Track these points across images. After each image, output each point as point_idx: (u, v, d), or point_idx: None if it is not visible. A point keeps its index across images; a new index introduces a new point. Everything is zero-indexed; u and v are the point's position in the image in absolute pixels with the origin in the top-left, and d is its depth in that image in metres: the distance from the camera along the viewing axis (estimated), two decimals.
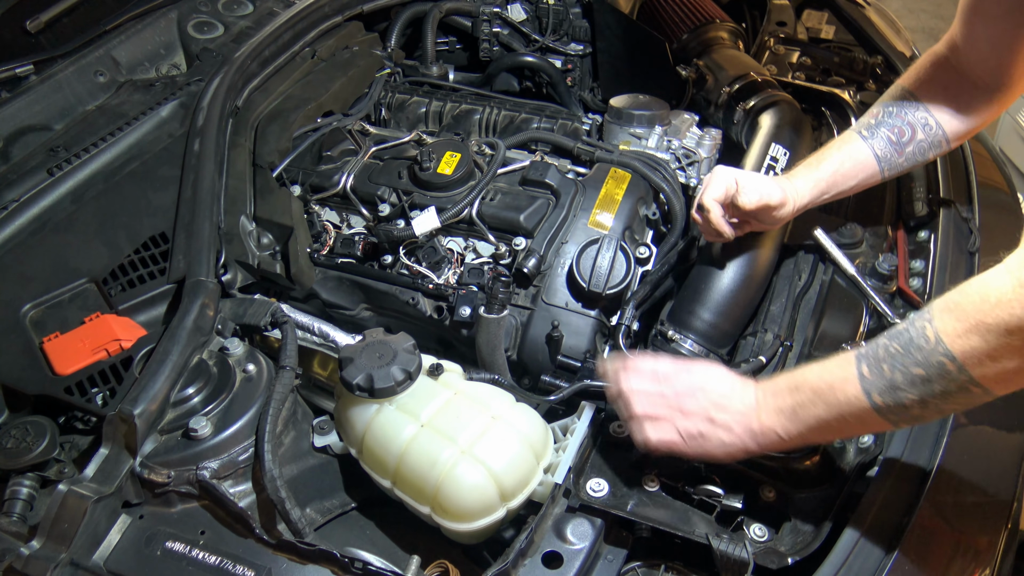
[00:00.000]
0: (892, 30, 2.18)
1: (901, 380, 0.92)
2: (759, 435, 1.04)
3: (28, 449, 1.11)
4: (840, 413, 0.97)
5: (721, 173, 1.35)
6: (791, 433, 1.02)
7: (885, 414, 0.94)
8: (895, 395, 0.93)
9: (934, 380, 0.89)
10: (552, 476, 1.14)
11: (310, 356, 1.42)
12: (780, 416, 1.02)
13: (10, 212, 1.47)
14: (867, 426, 1.03)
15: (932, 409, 0.93)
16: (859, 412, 0.96)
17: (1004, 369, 0.85)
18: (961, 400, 0.91)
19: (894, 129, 1.33)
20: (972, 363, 0.86)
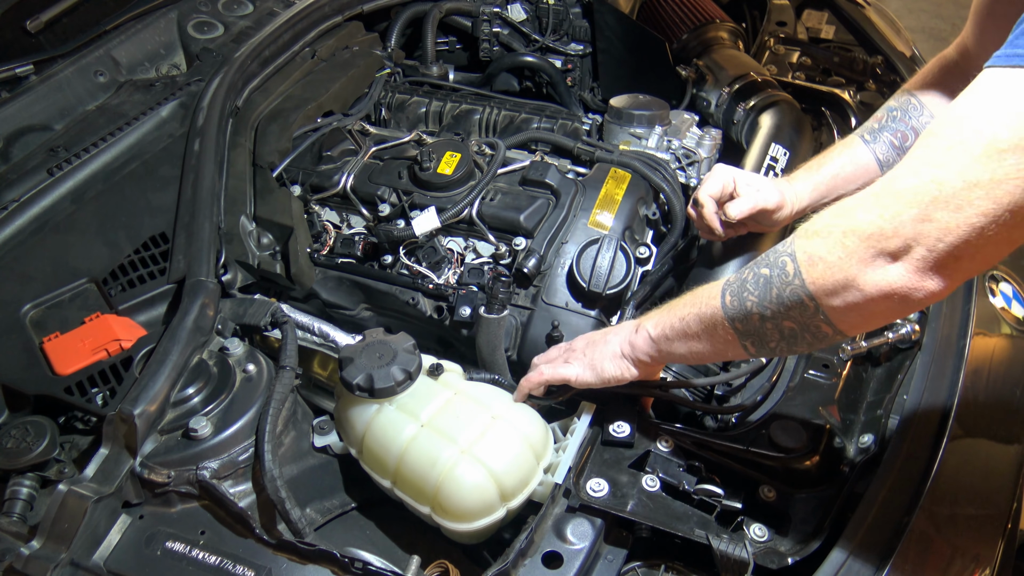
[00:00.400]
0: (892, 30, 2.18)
1: (750, 280, 0.94)
2: (634, 334, 1.12)
3: (28, 449, 1.11)
4: (699, 314, 1.01)
5: (720, 171, 1.35)
6: (658, 333, 1.08)
7: (732, 319, 0.96)
8: (741, 296, 0.94)
9: (774, 281, 0.90)
10: (552, 476, 1.14)
11: (310, 356, 1.42)
12: (655, 315, 1.10)
13: (10, 212, 1.47)
14: (719, 338, 1.00)
15: (772, 323, 0.92)
16: (712, 313, 0.98)
17: (831, 277, 0.84)
18: (796, 315, 0.89)
19: (897, 134, 1.33)
20: (806, 264, 0.86)
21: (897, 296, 0.81)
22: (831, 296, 0.85)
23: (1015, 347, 1.36)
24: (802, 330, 0.91)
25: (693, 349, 1.06)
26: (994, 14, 1.21)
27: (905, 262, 0.80)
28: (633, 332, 1.13)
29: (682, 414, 1.37)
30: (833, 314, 0.87)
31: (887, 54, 2.04)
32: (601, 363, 1.16)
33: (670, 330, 1.07)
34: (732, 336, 0.97)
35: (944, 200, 0.76)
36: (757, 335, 0.96)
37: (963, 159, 0.76)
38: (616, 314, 1.47)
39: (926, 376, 1.22)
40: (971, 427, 1.17)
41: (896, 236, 0.79)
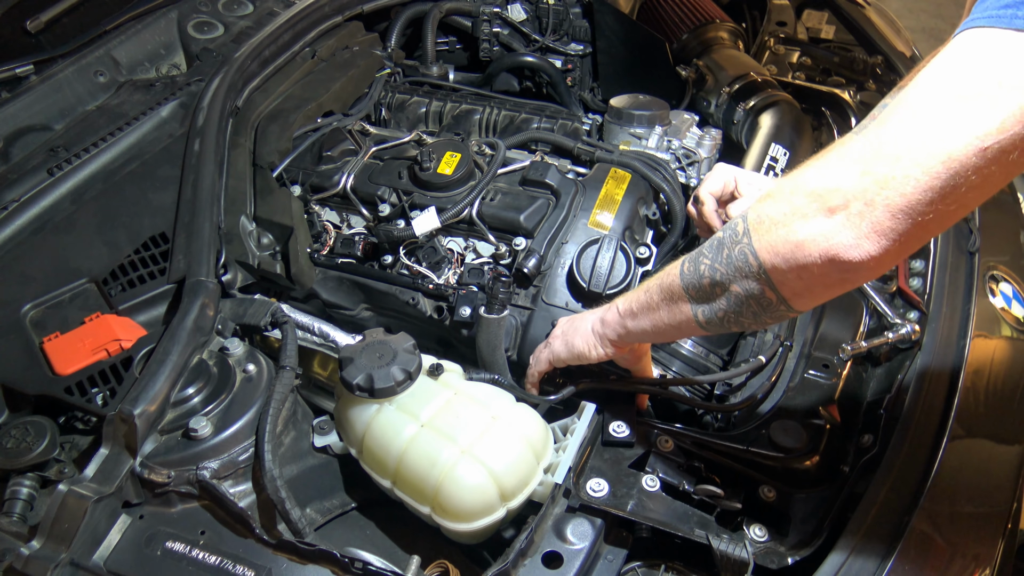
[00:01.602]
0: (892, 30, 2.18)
1: (706, 245, 0.95)
2: (605, 312, 1.16)
3: (28, 449, 1.11)
4: (660, 284, 1.03)
5: (722, 169, 1.35)
6: (624, 309, 1.12)
7: (687, 287, 0.97)
8: (696, 261, 0.95)
9: (725, 242, 0.91)
10: (552, 476, 1.14)
11: (310, 356, 1.42)
12: (627, 294, 1.13)
13: (10, 212, 1.47)
14: (676, 310, 1.02)
15: (721, 288, 0.92)
16: (671, 283, 1.00)
17: (776, 235, 0.84)
18: (743, 280, 0.89)
19: None
20: (755, 222, 0.87)
21: (833, 254, 0.80)
22: (772, 254, 0.85)
23: (1015, 347, 1.36)
24: (747, 295, 0.91)
25: (656, 322, 1.07)
26: None
27: (842, 216, 0.79)
28: (605, 310, 1.17)
29: (681, 412, 1.37)
30: (775, 274, 0.86)
31: (887, 54, 2.04)
32: (573, 338, 1.21)
33: (636, 304, 1.09)
34: (686, 304, 0.99)
35: (884, 154, 0.77)
36: (707, 301, 0.96)
37: (904, 116, 0.77)
38: None
39: (926, 376, 1.21)
40: (971, 427, 1.17)
41: (837, 191, 0.79)
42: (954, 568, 1.05)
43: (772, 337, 1.36)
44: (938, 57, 0.78)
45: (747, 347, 1.38)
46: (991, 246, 1.47)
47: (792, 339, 1.36)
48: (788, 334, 1.37)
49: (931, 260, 1.44)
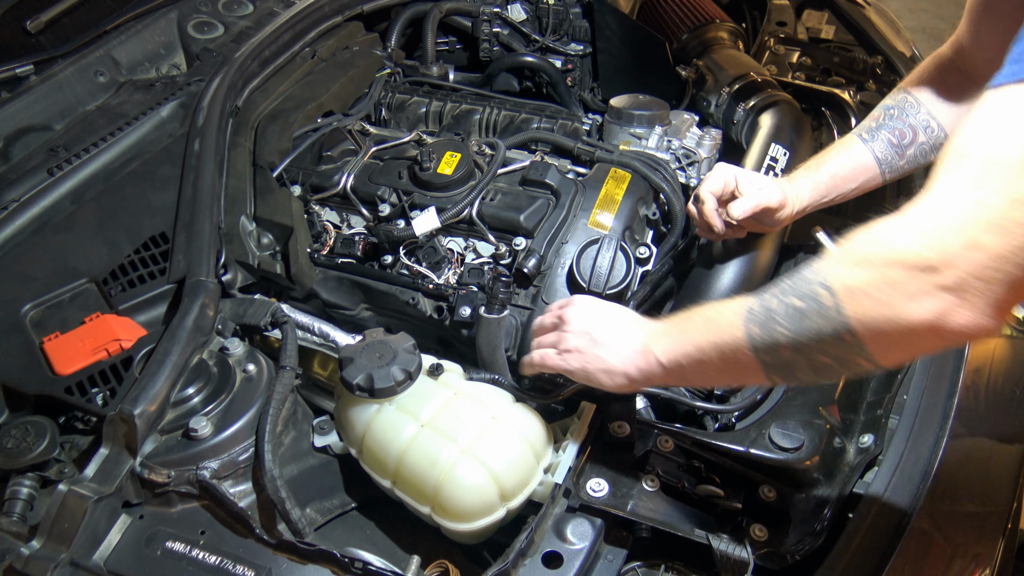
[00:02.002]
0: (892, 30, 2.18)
1: (779, 311, 0.87)
2: (640, 357, 1.03)
3: (28, 449, 1.11)
4: (718, 343, 0.93)
5: (722, 169, 1.35)
6: (670, 360, 1.00)
7: (758, 351, 0.89)
8: (770, 328, 0.87)
9: (808, 314, 0.84)
10: (552, 476, 1.14)
11: (310, 356, 1.42)
12: (665, 339, 1.01)
13: (10, 212, 1.47)
14: (742, 368, 0.93)
15: (804, 357, 0.86)
16: (735, 344, 0.91)
17: (876, 312, 0.78)
18: (832, 350, 0.84)
19: (895, 132, 1.33)
20: (847, 297, 0.80)
21: (947, 331, 0.76)
22: (876, 331, 0.80)
23: (1015, 347, 1.36)
24: (837, 363, 0.85)
25: (708, 377, 1.00)
26: (990, 10, 1.21)
27: (956, 295, 0.74)
28: (639, 355, 1.04)
29: (681, 412, 1.37)
30: (875, 349, 0.81)
31: (887, 54, 2.04)
32: (596, 374, 1.09)
33: (684, 358, 0.99)
34: (757, 367, 0.91)
35: (991, 223, 0.72)
36: (786, 367, 0.89)
37: (1001, 176, 0.72)
38: None
39: (926, 376, 1.22)
40: (971, 426, 1.18)
41: (947, 267, 0.74)
42: (954, 568, 1.05)
43: None
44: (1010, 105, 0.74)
45: None
46: None
47: None
48: None
49: None
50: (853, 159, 1.35)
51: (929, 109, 1.32)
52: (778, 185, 1.33)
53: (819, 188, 1.35)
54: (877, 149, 1.34)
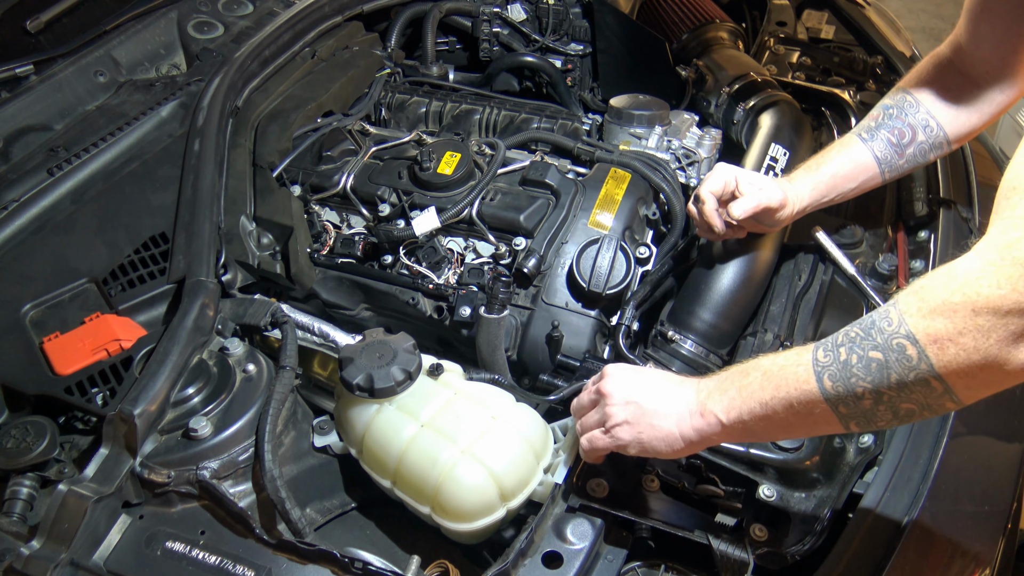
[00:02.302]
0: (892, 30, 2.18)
1: (856, 364, 0.85)
2: (699, 419, 0.99)
3: (28, 449, 1.11)
4: (787, 398, 0.90)
5: (722, 169, 1.35)
6: (732, 418, 0.95)
7: (835, 404, 0.87)
8: (848, 382, 0.85)
9: (891, 366, 0.82)
10: (552, 476, 1.14)
11: (310, 356, 1.42)
12: (723, 398, 0.97)
13: (10, 212, 1.47)
14: (816, 420, 0.91)
15: (886, 406, 0.85)
16: (808, 398, 0.88)
17: (968, 360, 0.78)
18: (919, 397, 0.83)
19: (894, 131, 1.33)
20: (934, 348, 0.79)
21: None
22: (966, 378, 0.79)
23: None
24: (922, 409, 0.84)
25: (776, 431, 0.97)
26: (987, 11, 1.22)
27: None
28: (697, 415, 0.99)
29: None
30: (964, 392, 0.81)
31: (887, 54, 2.04)
32: (651, 442, 1.02)
33: (749, 416, 0.94)
34: (833, 419, 0.89)
35: None
36: (866, 417, 0.87)
37: None
38: (616, 314, 1.47)
39: None
40: (972, 425, 1.17)
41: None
42: (954, 568, 1.05)
43: (772, 337, 1.36)
44: None
45: (747, 348, 1.38)
46: None
47: (792, 339, 1.36)
48: (788, 334, 1.37)
49: (931, 260, 1.44)
50: (853, 159, 1.35)
51: (928, 108, 1.32)
52: (778, 185, 1.33)
53: (819, 188, 1.35)
54: (877, 149, 1.34)
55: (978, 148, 1.78)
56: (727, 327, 1.42)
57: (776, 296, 1.43)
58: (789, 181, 1.36)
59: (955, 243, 1.46)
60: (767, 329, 1.38)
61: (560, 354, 1.44)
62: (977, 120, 1.32)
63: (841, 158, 1.35)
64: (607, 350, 1.48)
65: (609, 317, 1.49)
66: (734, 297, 1.41)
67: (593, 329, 1.46)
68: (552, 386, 1.39)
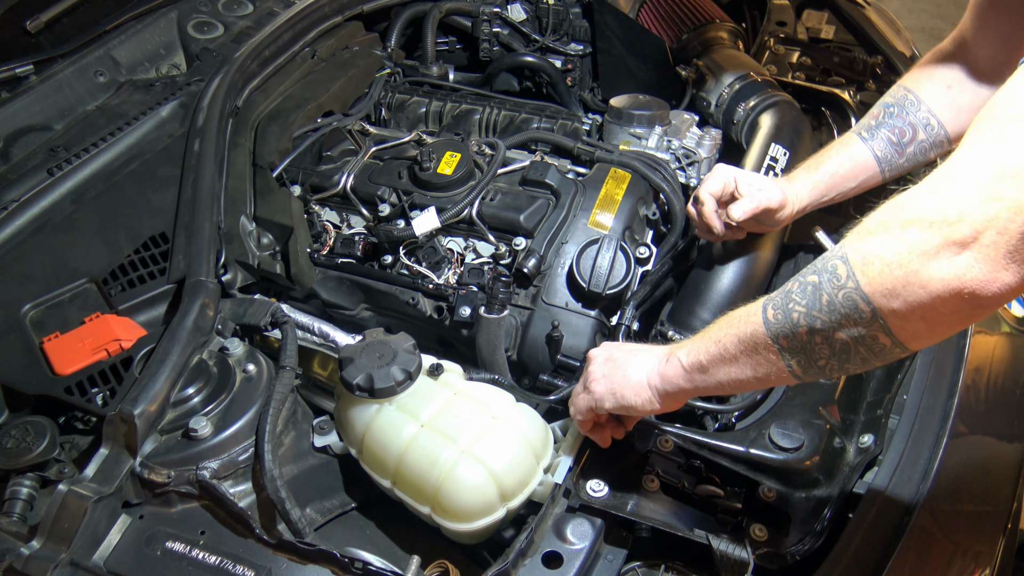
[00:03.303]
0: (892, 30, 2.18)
1: (795, 290, 0.85)
2: (663, 364, 1.01)
3: (28, 449, 1.11)
4: (737, 333, 0.91)
5: (721, 170, 1.35)
6: (691, 360, 0.97)
7: (776, 335, 0.86)
8: (786, 309, 0.85)
9: (823, 286, 0.81)
10: (552, 476, 1.14)
11: (310, 356, 1.42)
12: (688, 344, 1.00)
13: (10, 212, 1.47)
14: (762, 358, 0.90)
15: (822, 336, 0.83)
16: (753, 331, 0.89)
17: (891, 276, 0.75)
18: (849, 325, 0.80)
19: (895, 130, 1.33)
20: (861, 264, 0.78)
21: (967, 292, 0.72)
22: (891, 297, 0.76)
23: (1015, 346, 1.36)
24: (856, 342, 0.82)
25: (732, 376, 0.95)
26: (996, 4, 1.21)
27: (974, 250, 0.70)
28: (663, 361, 1.02)
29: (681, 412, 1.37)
30: (893, 320, 0.78)
31: (887, 54, 2.04)
32: (622, 391, 1.06)
33: (705, 356, 0.96)
34: (775, 355, 0.88)
35: (1010, 175, 0.69)
36: (804, 351, 0.86)
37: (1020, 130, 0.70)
38: (616, 314, 1.47)
39: (926, 376, 1.22)
40: (972, 425, 1.18)
41: (962, 221, 0.71)
42: (954, 568, 1.05)
43: None
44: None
45: None
46: None
47: None
48: None
49: None
50: (853, 158, 1.35)
51: (929, 106, 1.32)
52: (777, 185, 1.33)
53: (819, 187, 1.35)
54: (877, 148, 1.34)
55: None
56: None
57: None
58: (788, 181, 1.36)
59: None
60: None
61: (560, 354, 1.44)
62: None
63: (841, 157, 1.35)
64: None
65: (609, 317, 1.49)
66: (734, 297, 1.41)
67: (593, 329, 1.46)
68: (552, 386, 1.39)
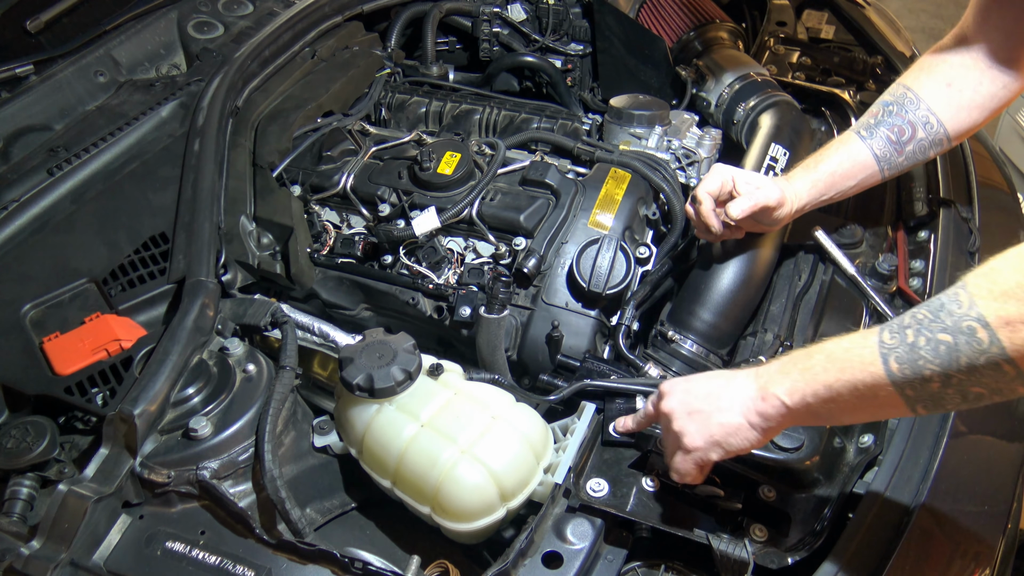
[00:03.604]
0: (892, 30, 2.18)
1: (924, 346, 0.83)
2: (761, 403, 0.97)
3: (28, 449, 1.11)
4: (852, 380, 0.89)
5: (720, 170, 1.35)
6: (796, 400, 0.94)
7: (902, 387, 0.86)
8: (915, 364, 0.84)
9: (961, 349, 0.80)
10: (552, 476, 1.14)
11: (310, 356, 1.42)
12: (785, 380, 0.96)
13: (10, 212, 1.47)
14: (881, 403, 0.90)
15: (955, 389, 0.84)
16: (873, 381, 0.87)
17: None
18: (989, 381, 0.81)
19: (894, 128, 1.33)
20: (1006, 331, 0.77)
21: None
22: None
23: None
24: (992, 393, 0.83)
25: (842, 414, 0.95)
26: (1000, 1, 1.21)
27: None
28: (757, 400, 0.98)
29: None
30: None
31: (887, 54, 2.04)
32: (726, 440, 1.01)
33: (813, 398, 0.93)
34: (899, 401, 0.88)
35: None
36: (933, 400, 0.86)
37: None
38: (616, 314, 1.47)
39: None
40: (972, 425, 1.17)
41: None
42: (954, 568, 1.05)
43: (772, 337, 1.36)
44: None
45: (747, 347, 1.38)
46: (991, 246, 1.47)
47: (792, 339, 1.36)
48: (788, 334, 1.37)
49: (931, 260, 1.44)
50: (852, 157, 1.34)
51: (929, 105, 1.32)
52: (776, 184, 1.33)
53: (817, 186, 1.35)
54: (876, 147, 1.34)
55: (978, 148, 1.78)
56: (727, 327, 1.42)
57: (776, 296, 1.43)
58: (787, 180, 1.36)
59: (955, 243, 1.46)
60: (767, 329, 1.38)
61: (560, 354, 1.44)
62: (978, 116, 1.32)
63: (840, 156, 1.35)
64: (607, 350, 1.48)
65: (609, 317, 1.49)
66: (734, 297, 1.41)
67: (593, 329, 1.46)
68: (552, 386, 1.39)
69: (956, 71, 1.30)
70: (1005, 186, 1.75)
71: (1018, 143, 3.25)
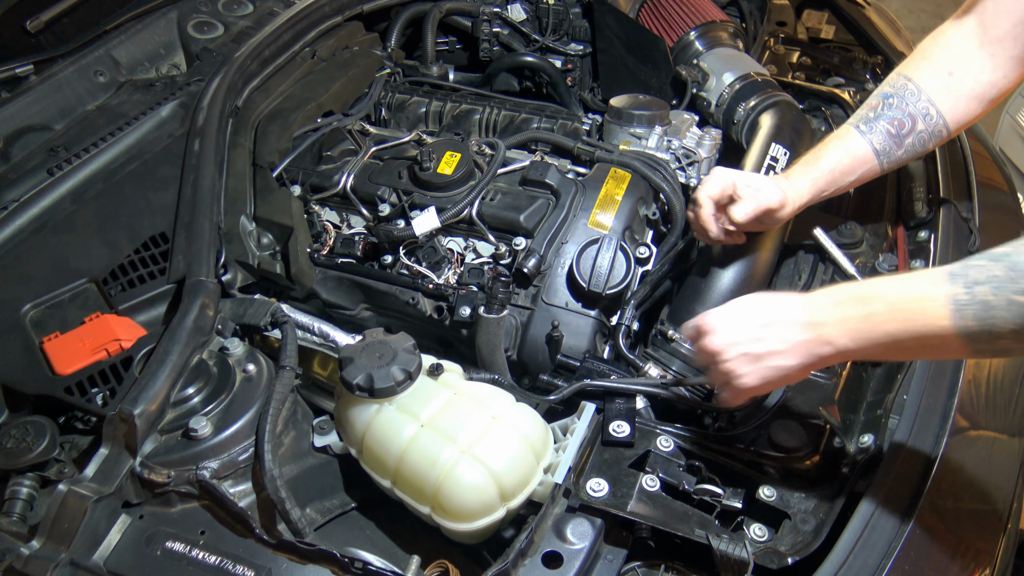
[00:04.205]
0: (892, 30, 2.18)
1: (1000, 305, 0.86)
2: (824, 347, 0.99)
3: (28, 449, 1.11)
4: (920, 333, 0.92)
5: (720, 173, 1.35)
6: (859, 346, 0.97)
7: (974, 341, 0.89)
8: (990, 323, 0.86)
9: None
10: (552, 476, 1.14)
11: (310, 356, 1.42)
12: (841, 324, 0.97)
13: (10, 212, 1.47)
14: (947, 350, 0.94)
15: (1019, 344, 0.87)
16: (943, 334, 0.90)
17: None
18: None
19: (893, 121, 1.32)
20: None
21: None
22: None
23: None
24: None
25: (897, 356, 1.01)
26: None
27: None
28: (818, 343, 1.00)
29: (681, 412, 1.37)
30: None
31: (887, 54, 2.04)
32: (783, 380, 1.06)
33: (874, 346, 0.96)
34: (965, 351, 0.91)
35: None
36: (998, 351, 0.90)
37: None
38: (616, 314, 1.47)
39: (926, 376, 1.21)
40: (972, 424, 1.17)
41: None
42: (955, 567, 1.05)
43: None
44: None
45: None
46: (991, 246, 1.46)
47: None
48: None
49: (931, 260, 1.44)
50: (851, 152, 1.34)
51: (930, 95, 1.30)
52: (776, 184, 1.33)
53: (818, 183, 1.35)
54: (875, 140, 1.33)
55: (978, 148, 1.78)
56: None
57: None
58: (787, 178, 1.36)
59: (955, 243, 1.46)
60: None
61: (560, 354, 1.44)
62: (977, 107, 1.31)
63: (839, 152, 1.34)
64: (607, 350, 1.48)
65: (609, 317, 1.49)
66: (734, 297, 1.41)
67: (593, 329, 1.46)
68: (552, 386, 1.39)
69: (958, 59, 1.28)
70: (1005, 186, 1.75)
71: (1018, 143, 3.25)
